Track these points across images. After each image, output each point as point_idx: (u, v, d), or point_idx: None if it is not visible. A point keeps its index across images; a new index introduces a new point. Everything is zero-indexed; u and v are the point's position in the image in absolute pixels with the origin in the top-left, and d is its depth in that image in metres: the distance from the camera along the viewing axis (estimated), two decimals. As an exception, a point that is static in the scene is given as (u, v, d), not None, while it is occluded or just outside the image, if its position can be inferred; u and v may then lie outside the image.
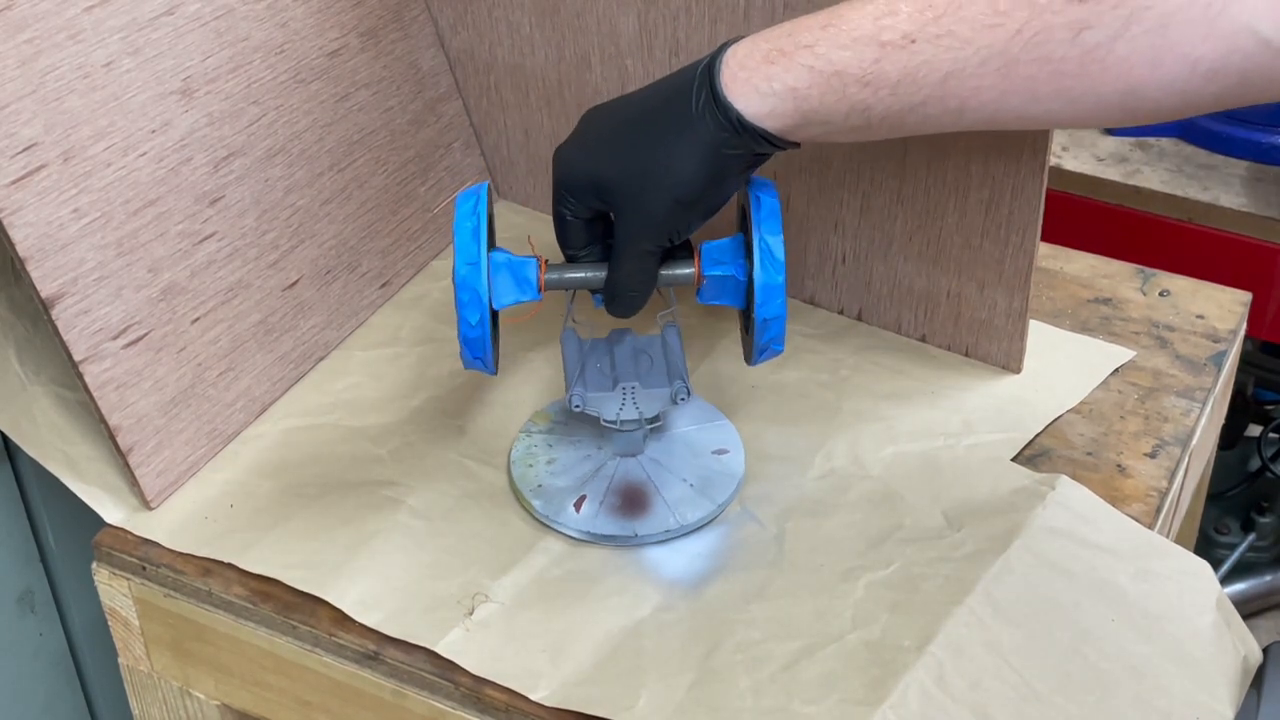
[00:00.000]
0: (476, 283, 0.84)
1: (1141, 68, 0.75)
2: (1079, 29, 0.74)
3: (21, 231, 0.85)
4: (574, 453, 0.94)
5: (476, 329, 0.85)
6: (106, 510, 0.93)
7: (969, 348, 1.03)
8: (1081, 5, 0.74)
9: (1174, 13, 0.73)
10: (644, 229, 0.83)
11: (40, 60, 0.86)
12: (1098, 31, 0.74)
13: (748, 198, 0.86)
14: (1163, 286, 1.10)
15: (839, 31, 0.77)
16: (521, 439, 0.96)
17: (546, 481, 0.92)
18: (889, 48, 0.76)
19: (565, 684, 0.82)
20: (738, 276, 0.87)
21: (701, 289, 0.88)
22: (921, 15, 0.76)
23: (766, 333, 0.86)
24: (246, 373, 0.98)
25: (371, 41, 1.06)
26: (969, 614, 0.85)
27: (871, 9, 0.77)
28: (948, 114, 0.78)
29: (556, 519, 0.91)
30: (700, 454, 0.95)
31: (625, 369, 0.91)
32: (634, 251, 0.84)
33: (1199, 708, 0.81)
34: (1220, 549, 1.77)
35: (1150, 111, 0.78)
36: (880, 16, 0.77)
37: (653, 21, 1.01)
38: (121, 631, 0.96)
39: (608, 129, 0.84)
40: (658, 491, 0.92)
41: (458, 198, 0.86)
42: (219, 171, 0.96)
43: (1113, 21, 0.74)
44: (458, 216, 0.85)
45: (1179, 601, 0.86)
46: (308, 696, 0.91)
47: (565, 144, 0.85)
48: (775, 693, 0.81)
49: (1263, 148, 1.37)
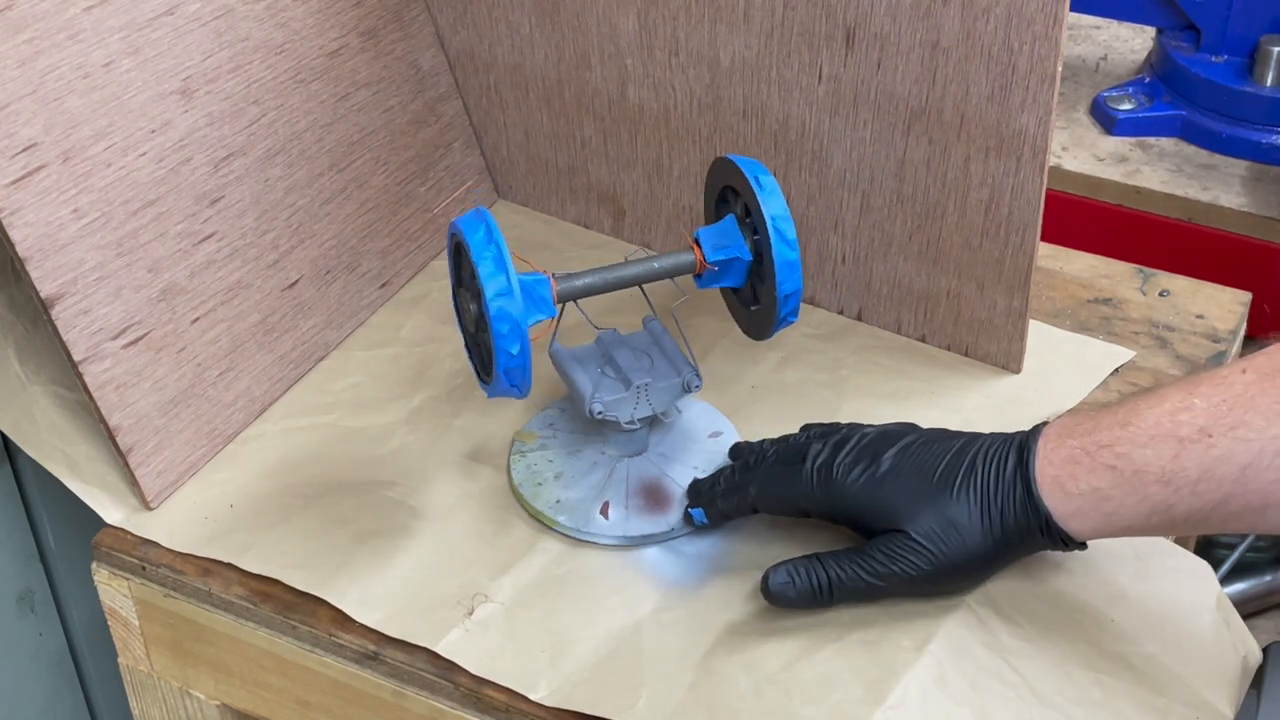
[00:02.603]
0: (514, 312, 0.82)
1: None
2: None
3: (21, 231, 0.85)
4: (579, 463, 0.94)
5: (518, 358, 0.83)
6: (106, 510, 0.93)
7: (969, 348, 1.03)
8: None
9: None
10: (907, 568, 0.82)
11: (40, 60, 0.86)
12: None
13: (740, 177, 0.87)
14: (1163, 286, 1.10)
15: (1137, 430, 0.77)
16: (516, 461, 0.94)
17: (564, 496, 0.92)
18: (1186, 443, 0.76)
19: (565, 684, 0.82)
20: (743, 257, 0.88)
21: (705, 275, 0.88)
22: (1216, 408, 0.76)
23: (786, 306, 0.87)
24: (246, 373, 0.98)
25: (371, 41, 1.06)
26: (969, 614, 0.85)
27: (1168, 405, 0.77)
28: (1250, 511, 0.76)
29: (588, 530, 0.90)
30: (698, 440, 0.95)
31: (633, 369, 0.91)
32: (874, 569, 0.83)
33: (1199, 708, 0.81)
34: (1220, 549, 1.77)
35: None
36: (1177, 412, 0.77)
37: (653, 21, 1.01)
38: (121, 631, 0.96)
39: (910, 468, 0.83)
40: (675, 483, 0.92)
41: (462, 228, 0.84)
42: (219, 171, 0.96)
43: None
44: (473, 247, 0.82)
45: (1179, 601, 0.86)
46: (308, 696, 0.91)
47: (840, 461, 0.84)
48: (775, 693, 0.81)
49: (1263, 148, 1.37)
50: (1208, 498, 0.76)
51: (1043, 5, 0.87)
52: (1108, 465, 0.78)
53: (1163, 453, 0.76)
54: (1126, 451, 0.77)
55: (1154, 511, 0.78)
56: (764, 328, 0.90)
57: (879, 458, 0.84)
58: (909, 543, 0.82)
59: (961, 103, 0.92)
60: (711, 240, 0.89)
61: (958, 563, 0.82)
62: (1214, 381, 0.77)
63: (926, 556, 0.81)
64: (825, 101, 0.97)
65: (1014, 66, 0.89)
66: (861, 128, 0.97)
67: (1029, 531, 0.81)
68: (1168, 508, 0.77)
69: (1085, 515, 0.79)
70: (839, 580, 0.83)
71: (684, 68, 1.02)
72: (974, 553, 0.82)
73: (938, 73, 0.92)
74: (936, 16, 0.90)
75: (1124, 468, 0.77)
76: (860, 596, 0.84)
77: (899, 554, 0.82)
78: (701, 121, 1.03)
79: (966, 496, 0.81)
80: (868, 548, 0.83)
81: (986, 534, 0.81)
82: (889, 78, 0.94)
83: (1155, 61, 1.45)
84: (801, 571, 0.83)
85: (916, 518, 0.82)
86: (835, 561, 0.83)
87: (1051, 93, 0.89)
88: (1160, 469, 0.76)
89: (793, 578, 0.83)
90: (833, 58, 0.95)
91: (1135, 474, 0.77)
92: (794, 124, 1.00)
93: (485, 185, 1.17)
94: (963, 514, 0.81)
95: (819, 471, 0.84)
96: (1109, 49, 1.54)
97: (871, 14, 0.92)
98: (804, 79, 0.97)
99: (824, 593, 0.83)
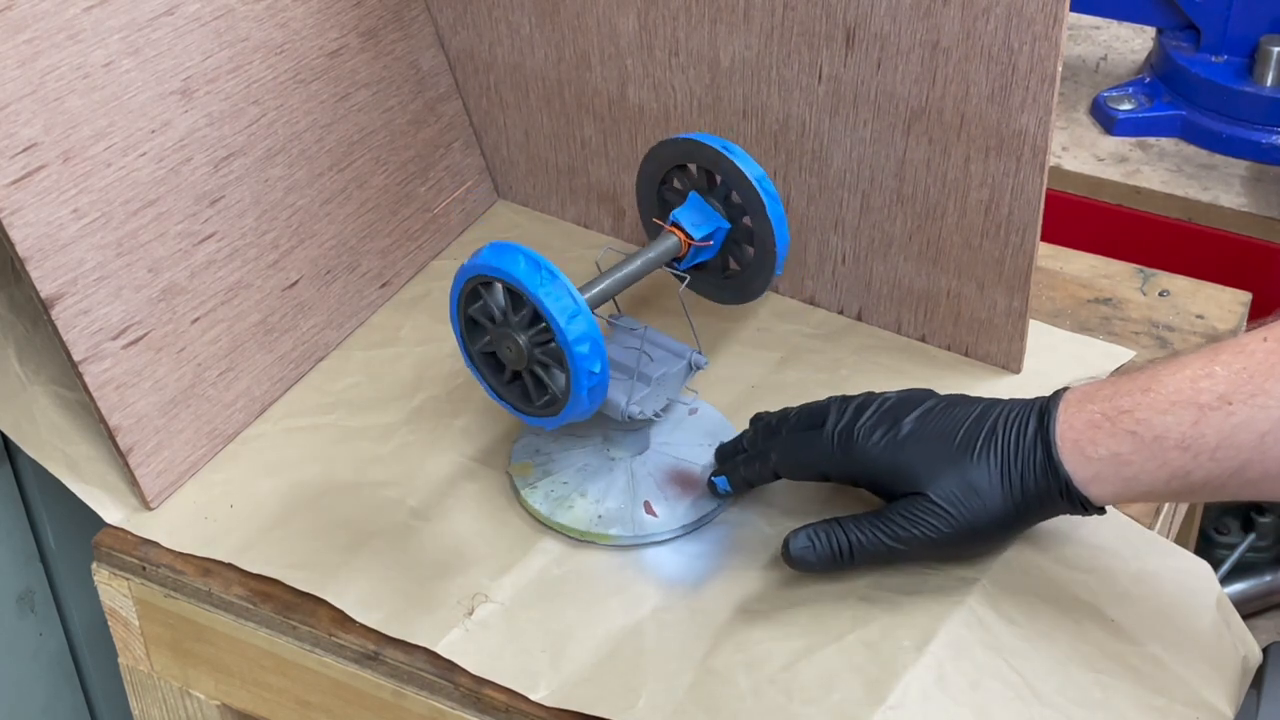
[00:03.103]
0: (592, 330, 0.82)
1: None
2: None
3: (21, 231, 0.85)
4: (595, 476, 0.93)
5: (600, 375, 0.82)
6: (106, 510, 0.93)
7: (969, 348, 1.03)
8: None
9: None
10: (927, 531, 0.82)
11: (40, 60, 0.86)
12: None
13: (704, 150, 0.90)
14: (1163, 286, 1.10)
15: (1158, 396, 0.78)
16: (531, 495, 0.92)
17: (602, 510, 0.91)
18: (1206, 410, 0.76)
19: (565, 684, 0.82)
20: (723, 227, 0.91)
21: (689, 253, 0.91)
22: (1236, 376, 0.76)
23: (780, 259, 0.91)
24: (246, 373, 0.98)
25: (371, 41, 1.06)
26: (969, 614, 0.85)
27: (1189, 372, 0.78)
28: (1268, 478, 0.77)
29: (648, 534, 0.90)
30: (682, 419, 0.96)
31: (643, 365, 0.90)
32: (893, 533, 0.83)
33: (1199, 708, 0.81)
34: (1220, 549, 1.77)
35: None
36: (1198, 379, 0.77)
37: (653, 21, 1.01)
38: (121, 631, 0.96)
39: (931, 432, 0.83)
40: (692, 463, 0.93)
41: (496, 265, 0.81)
42: (219, 171, 0.96)
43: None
44: (523, 279, 0.81)
45: (1179, 602, 0.86)
46: (308, 696, 0.91)
47: (851, 424, 0.85)
48: (774, 693, 0.81)
49: (1263, 148, 1.37)
50: (1226, 464, 0.77)
51: (1043, 5, 0.87)
52: (1128, 430, 0.78)
53: (1183, 419, 0.77)
54: (1147, 417, 0.78)
55: (1173, 477, 0.78)
56: (755, 287, 0.93)
57: (900, 421, 0.84)
58: (929, 505, 0.82)
59: (961, 103, 0.93)
60: (690, 219, 0.91)
61: (977, 526, 0.82)
62: (1235, 349, 0.78)
63: (946, 519, 0.82)
64: (825, 101, 0.97)
65: (1014, 66, 0.89)
66: (861, 128, 0.97)
67: (1049, 496, 0.81)
68: (1186, 474, 0.77)
69: (1105, 480, 0.79)
70: (859, 543, 0.83)
71: (684, 68, 1.02)
72: (994, 516, 0.82)
73: (938, 73, 0.92)
74: (936, 16, 0.90)
75: (1144, 433, 0.78)
76: (880, 560, 0.84)
77: (919, 517, 0.82)
78: (701, 122, 1.03)
79: (987, 460, 0.81)
80: (887, 511, 0.83)
81: (1006, 497, 0.81)
82: (889, 78, 0.94)
83: (1155, 61, 1.45)
84: (822, 535, 0.84)
85: (937, 481, 0.82)
86: (855, 525, 0.84)
87: (1051, 93, 0.89)
88: (1180, 435, 0.77)
89: (813, 541, 0.84)
90: (833, 58, 0.95)
91: (1155, 440, 0.77)
92: (794, 124, 1.00)
93: (485, 185, 1.17)
94: (983, 477, 0.81)
95: (840, 435, 0.85)
96: (1109, 49, 1.54)
97: (871, 14, 0.92)
98: (804, 79, 0.97)
99: (844, 556, 0.83)
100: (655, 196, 0.96)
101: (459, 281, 0.85)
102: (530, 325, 0.83)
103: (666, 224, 0.92)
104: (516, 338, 0.84)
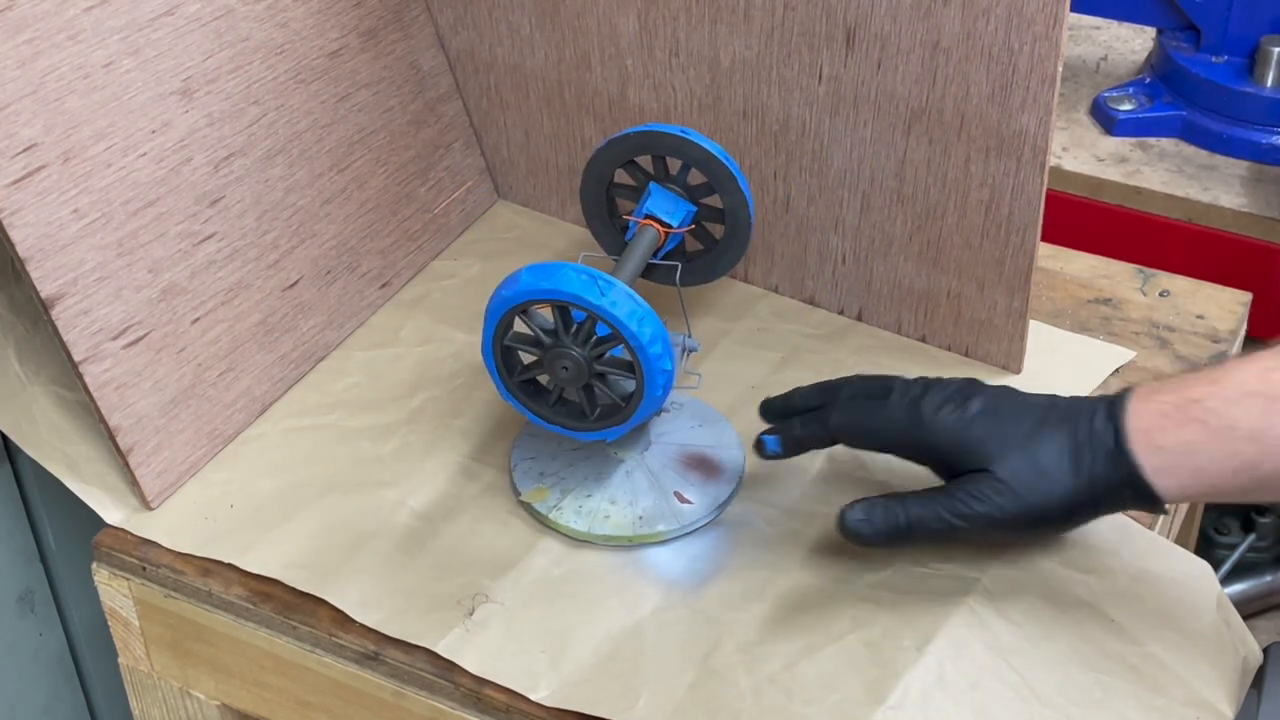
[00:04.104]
0: (663, 330, 0.82)
1: None
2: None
3: (21, 232, 0.85)
4: (614, 481, 0.92)
5: (671, 373, 0.83)
6: (106, 510, 0.94)
7: (969, 348, 1.03)
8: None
9: None
10: (990, 510, 0.81)
11: (40, 61, 0.86)
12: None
13: (661, 138, 0.92)
14: (1163, 287, 1.10)
15: (1228, 386, 0.78)
16: (559, 517, 0.90)
17: (641, 512, 0.90)
18: (1276, 401, 0.76)
19: (565, 684, 0.82)
20: (692, 209, 0.93)
21: (669, 240, 0.93)
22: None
23: (752, 220, 0.94)
24: (246, 373, 0.98)
25: (371, 41, 1.06)
26: (969, 614, 0.85)
27: (1260, 364, 0.78)
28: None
29: (692, 523, 0.90)
30: (669, 410, 0.95)
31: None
32: (957, 510, 0.82)
33: (1199, 708, 0.81)
34: (1220, 549, 1.77)
35: None
36: (1269, 370, 0.77)
37: (653, 21, 1.01)
38: (121, 631, 0.96)
39: (1002, 410, 0.83)
40: (702, 446, 0.93)
41: (547, 280, 0.81)
42: (219, 172, 0.96)
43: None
44: (582, 291, 0.80)
45: (1179, 602, 0.86)
46: (308, 696, 0.91)
47: (932, 400, 0.84)
48: (775, 693, 0.81)
49: (1263, 148, 1.37)
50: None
51: (1043, 5, 0.87)
52: (1198, 420, 0.78)
53: (1252, 410, 0.77)
54: (1216, 407, 0.77)
55: (1242, 468, 0.77)
56: (723, 264, 0.95)
57: (969, 400, 0.83)
58: (995, 484, 0.81)
59: (962, 103, 0.93)
60: (662, 208, 0.93)
61: (1041, 509, 0.81)
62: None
63: (1012, 498, 0.80)
64: (825, 102, 0.97)
65: (1014, 67, 0.89)
66: (862, 128, 0.97)
67: (1115, 486, 0.80)
68: (1255, 465, 0.77)
69: (1174, 470, 0.79)
70: (919, 518, 0.82)
71: (684, 68, 1.02)
72: (1059, 501, 0.81)
73: (938, 73, 0.92)
74: (937, 17, 0.90)
75: (1214, 422, 0.77)
76: (939, 538, 0.83)
77: (984, 495, 0.81)
78: (701, 122, 1.03)
79: (1056, 443, 0.81)
80: (951, 487, 0.82)
81: (1073, 483, 0.80)
82: (889, 78, 0.94)
83: (1155, 62, 1.45)
84: (879, 508, 0.82)
85: (1005, 459, 0.81)
86: (916, 500, 0.82)
87: (1052, 93, 0.89)
88: (1250, 426, 0.76)
89: (869, 515, 0.82)
90: (833, 58, 0.95)
91: (1225, 429, 0.77)
92: (794, 124, 1.00)
93: (485, 185, 1.17)
94: (1051, 460, 0.80)
95: (909, 405, 0.84)
96: (1109, 49, 1.54)
97: (872, 14, 0.92)
98: (804, 79, 0.97)
99: (903, 530, 0.82)
100: (606, 197, 0.96)
101: (494, 315, 0.84)
102: (588, 338, 0.83)
103: (639, 218, 0.93)
104: (573, 353, 0.83)
